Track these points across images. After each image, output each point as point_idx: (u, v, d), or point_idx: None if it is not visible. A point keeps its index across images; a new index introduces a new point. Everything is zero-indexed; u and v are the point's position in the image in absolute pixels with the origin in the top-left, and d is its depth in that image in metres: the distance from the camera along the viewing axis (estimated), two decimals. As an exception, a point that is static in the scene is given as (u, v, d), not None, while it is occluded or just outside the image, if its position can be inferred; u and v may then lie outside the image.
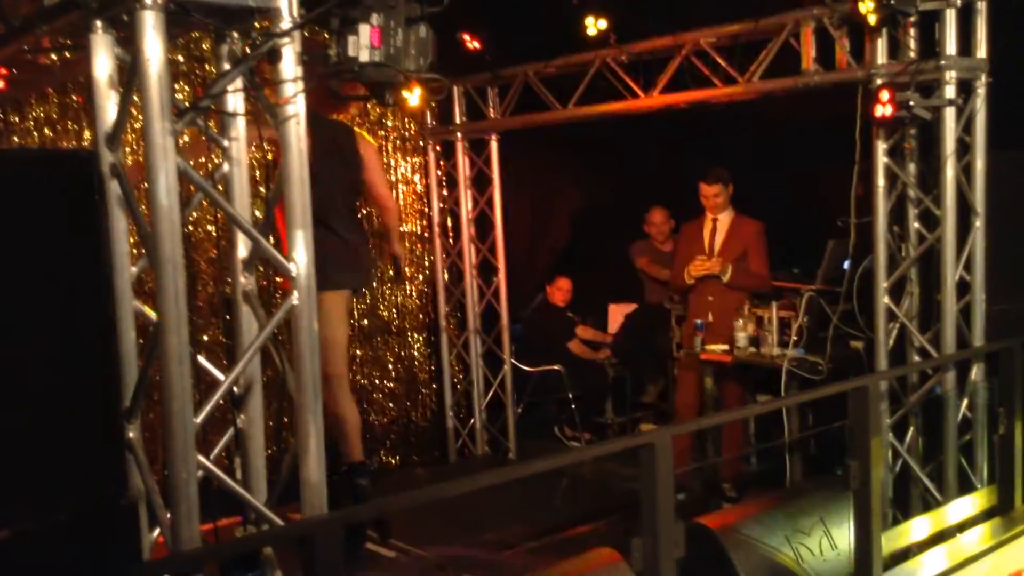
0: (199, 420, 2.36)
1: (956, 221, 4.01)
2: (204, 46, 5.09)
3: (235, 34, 2.62)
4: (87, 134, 4.78)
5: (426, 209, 6.27)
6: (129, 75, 2.41)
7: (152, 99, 2.26)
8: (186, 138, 2.82)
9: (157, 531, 2.70)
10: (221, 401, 2.49)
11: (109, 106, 2.61)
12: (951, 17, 3.88)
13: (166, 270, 2.29)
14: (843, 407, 3.32)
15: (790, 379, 4.69)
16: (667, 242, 6.37)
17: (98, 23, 2.55)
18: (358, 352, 5.99)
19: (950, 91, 3.90)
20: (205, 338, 5.16)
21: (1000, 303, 4.15)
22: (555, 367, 6.42)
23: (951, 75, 3.89)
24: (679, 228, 5.85)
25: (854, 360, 4.71)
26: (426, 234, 6.28)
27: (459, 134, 6.11)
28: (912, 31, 4.00)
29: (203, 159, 4.53)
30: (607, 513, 4.85)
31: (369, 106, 5.92)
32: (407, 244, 6.20)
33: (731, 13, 4.63)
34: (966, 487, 4.12)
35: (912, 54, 3.99)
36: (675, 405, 5.69)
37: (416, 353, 6.28)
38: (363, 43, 2.40)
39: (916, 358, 4.18)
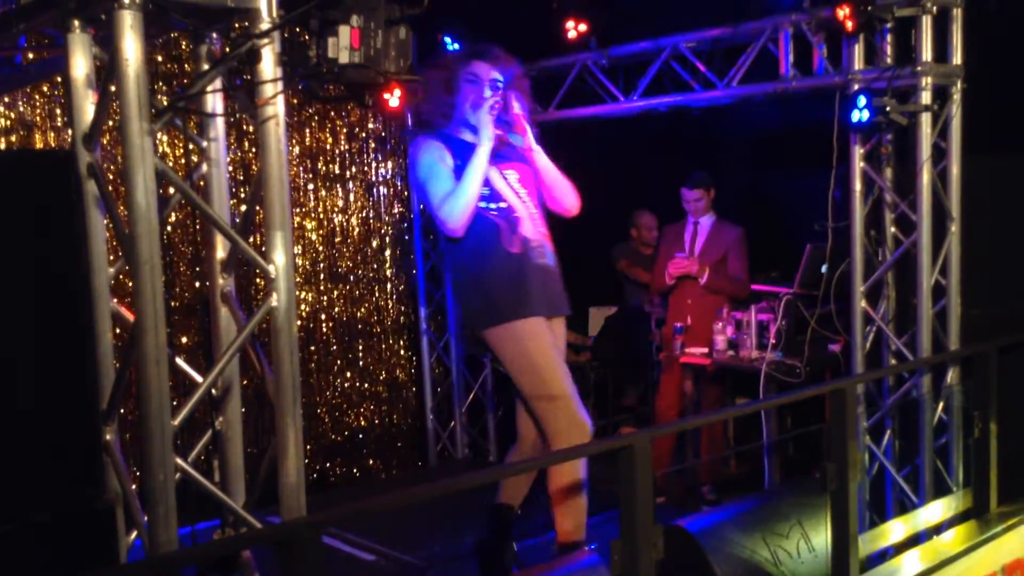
0: (177, 422, 2.35)
1: (932, 226, 4.05)
2: (184, 46, 5.07)
3: (214, 34, 2.62)
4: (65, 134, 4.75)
5: (407, 211, 6.27)
6: (107, 75, 2.40)
7: (130, 99, 2.24)
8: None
9: (134, 534, 2.68)
10: (199, 403, 2.47)
11: (86, 106, 2.59)
12: (927, 24, 3.92)
13: (143, 271, 2.28)
14: (821, 410, 3.35)
15: (768, 382, 4.72)
16: (648, 246, 6.39)
17: (76, 22, 2.53)
18: (345, 354, 5.99)
19: (926, 97, 3.94)
20: (184, 339, 5.14)
21: (975, 307, 4.19)
22: (535, 370, 6.41)
23: (927, 81, 3.93)
24: (662, 231, 5.88)
25: (831, 363, 4.74)
26: (407, 236, 6.28)
27: (440, 137, 6.10)
28: (889, 37, 4.04)
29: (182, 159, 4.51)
30: (587, 515, 4.85)
31: (349, 107, 5.91)
32: (388, 246, 6.21)
33: (711, 18, 4.66)
34: (942, 490, 4.15)
35: (889, 60, 4.03)
36: (655, 408, 5.70)
37: (396, 356, 6.27)
38: (343, 44, 2.40)
39: (892, 361, 4.21)
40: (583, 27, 5.06)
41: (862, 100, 3.86)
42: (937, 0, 3.88)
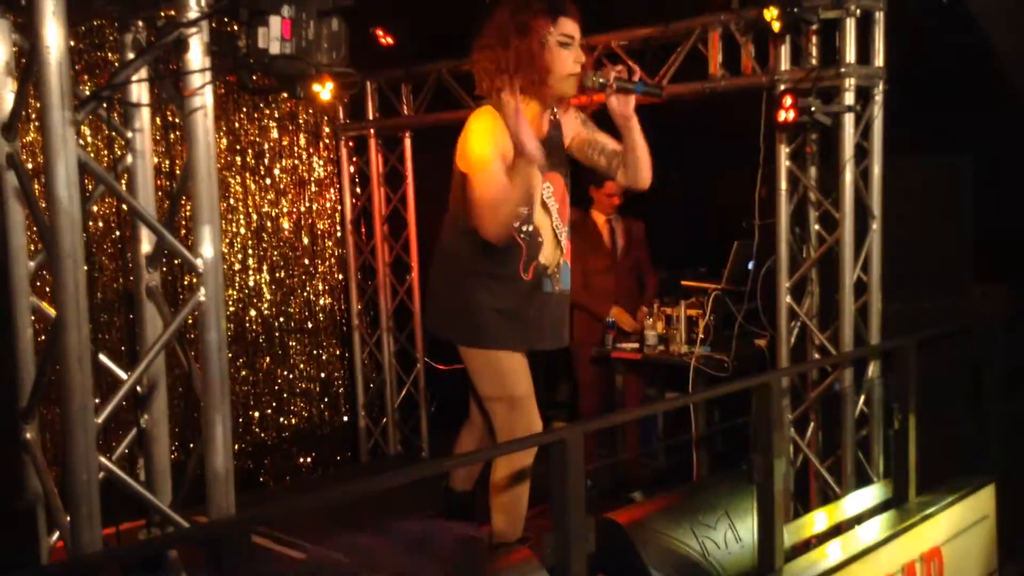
0: (100, 420, 2.29)
1: (854, 224, 4.15)
2: (108, 34, 4.94)
3: (140, 22, 2.56)
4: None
5: (339, 206, 6.21)
6: (27, 62, 2.33)
7: (51, 88, 2.18)
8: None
9: (56, 535, 2.62)
10: (124, 401, 2.42)
11: (5, 95, 2.52)
12: (851, 26, 4.02)
13: (65, 265, 2.21)
14: (747, 403, 3.41)
15: (697, 376, 4.79)
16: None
17: (-6, 8, 2.46)
18: (275, 350, 5.91)
19: (849, 97, 4.03)
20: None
21: (895, 303, 4.32)
22: (468, 365, 6.42)
23: (850, 82, 4.03)
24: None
25: (757, 357, 4.84)
26: (338, 231, 6.23)
27: (372, 131, 6.06)
28: (814, 39, 4.13)
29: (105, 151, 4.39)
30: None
31: (280, 100, 5.83)
32: (319, 240, 6.15)
33: (643, 17, 4.70)
34: (863, 480, 4.27)
35: (814, 61, 4.13)
36: (583, 403, 5.75)
37: (328, 352, 6.22)
38: (273, 35, 2.36)
39: (816, 356, 4.32)
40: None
41: (788, 100, 3.94)
42: (861, 3, 3.99)
